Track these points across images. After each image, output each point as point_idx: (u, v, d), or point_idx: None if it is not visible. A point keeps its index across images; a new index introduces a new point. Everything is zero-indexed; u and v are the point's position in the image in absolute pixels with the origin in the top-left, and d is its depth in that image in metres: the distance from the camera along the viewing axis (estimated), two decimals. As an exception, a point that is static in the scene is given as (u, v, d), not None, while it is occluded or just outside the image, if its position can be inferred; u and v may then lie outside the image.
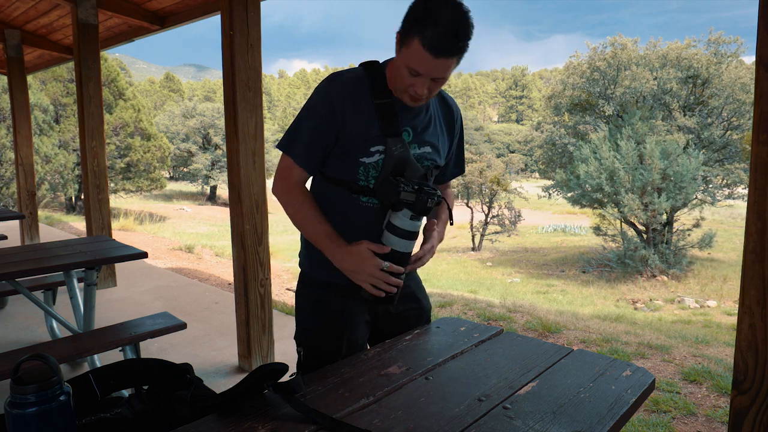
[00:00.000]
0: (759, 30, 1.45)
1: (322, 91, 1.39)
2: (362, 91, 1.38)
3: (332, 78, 1.40)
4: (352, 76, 1.39)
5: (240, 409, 1.10)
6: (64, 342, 2.53)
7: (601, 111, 16.81)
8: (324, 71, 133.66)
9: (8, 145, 14.05)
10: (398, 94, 1.38)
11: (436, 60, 1.24)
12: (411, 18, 1.26)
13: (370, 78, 1.39)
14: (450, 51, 1.24)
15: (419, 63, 1.25)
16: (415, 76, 1.29)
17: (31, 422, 0.90)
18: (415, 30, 1.23)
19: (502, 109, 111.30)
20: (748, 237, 1.50)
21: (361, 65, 1.44)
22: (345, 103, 1.35)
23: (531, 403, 1.15)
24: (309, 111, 1.40)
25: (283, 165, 1.43)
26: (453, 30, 1.22)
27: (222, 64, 3.09)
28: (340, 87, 1.37)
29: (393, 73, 1.38)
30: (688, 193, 13.07)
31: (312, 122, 1.39)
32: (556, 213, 28.39)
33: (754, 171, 1.47)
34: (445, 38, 1.21)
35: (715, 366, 3.60)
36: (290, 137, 1.41)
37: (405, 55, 1.28)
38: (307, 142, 1.39)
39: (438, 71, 1.27)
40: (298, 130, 1.40)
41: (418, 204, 1.31)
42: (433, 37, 1.21)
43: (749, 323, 1.51)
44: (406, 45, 1.27)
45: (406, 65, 1.28)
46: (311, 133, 1.39)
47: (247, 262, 3.13)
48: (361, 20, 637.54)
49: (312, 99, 1.40)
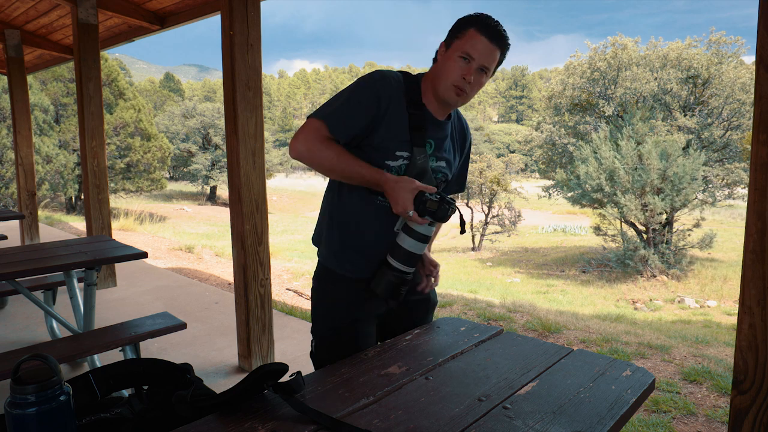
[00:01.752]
0: (759, 30, 1.45)
1: (371, 82, 1.44)
2: (401, 97, 1.45)
3: (381, 75, 1.45)
4: (397, 79, 1.47)
5: (240, 409, 1.10)
6: (64, 342, 2.52)
7: (601, 111, 16.82)
8: (324, 71, 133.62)
9: (8, 145, 14.06)
10: (443, 92, 1.45)
11: (490, 44, 1.41)
12: (462, 21, 1.45)
13: (407, 87, 1.47)
14: (502, 38, 1.42)
15: (474, 46, 1.40)
16: (467, 63, 1.41)
17: (31, 422, 0.90)
18: (471, 23, 1.42)
19: (502, 109, 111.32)
20: (748, 237, 1.50)
21: (401, 73, 1.52)
22: (390, 102, 1.43)
23: (531, 403, 1.15)
24: (354, 92, 1.43)
25: (314, 126, 1.41)
26: (501, 26, 1.44)
27: (222, 64, 3.09)
28: (388, 85, 1.44)
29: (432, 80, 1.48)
30: (687, 193, 13.07)
31: (354, 100, 1.42)
32: (556, 213, 28.40)
33: (754, 171, 1.47)
34: (498, 27, 1.42)
35: (715, 366, 3.60)
36: (326, 107, 1.43)
37: (458, 45, 1.42)
38: (344, 113, 1.42)
39: (488, 58, 1.42)
40: (336, 103, 1.43)
41: (440, 212, 1.38)
42: (489, 25, 1.41)
43: (749, 323, 1.51)
44: (460, 36, 1.42)
45: (461, 52, 1.41)
46: (350, 108, 1.42)
47: (247, 262, 3.13)
48: (363, 20, 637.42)
49: (359, 84, 1.44)
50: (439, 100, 1.49)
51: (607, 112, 16.55)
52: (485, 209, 19.19)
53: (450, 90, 1.44)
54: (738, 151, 15.73)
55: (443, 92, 1.46)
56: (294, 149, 1.42)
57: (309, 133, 1.41)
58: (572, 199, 15.12)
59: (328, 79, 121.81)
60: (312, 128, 1.41)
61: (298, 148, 1.41)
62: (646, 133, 14.09)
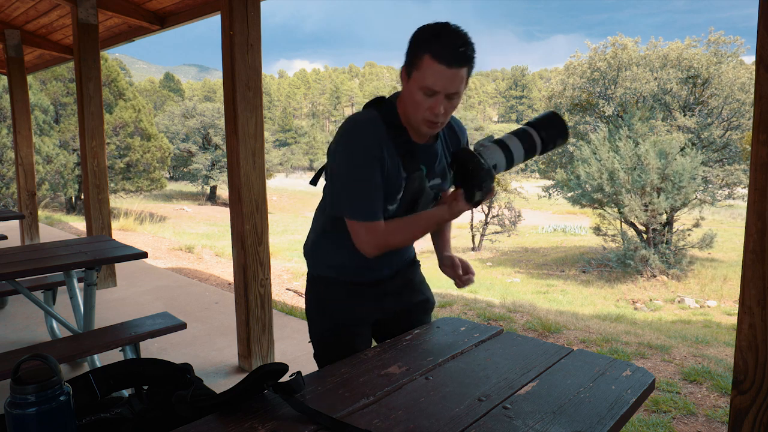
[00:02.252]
0: (759, 30, 1.45)
1: (357, 147, 1.36)
2: (383, 133, 1.38)
3: (360, 130, 1.38)
4: (372, 120, 1.39)
5: (240, 409, 1.10)
6: (64, 342, 2.52)
7: (601, 111, 16.81)
8: (324, 71, 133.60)
9: (8, 145, 14.06)
10: (416, 125, 1.38)
11: (449, 70, 1.26)
12: (416, 43, 1.30)
13: (384, 118, 1.40)
14: (461, 58, 1.26)
15: (434, 78, 1.27)
16: (431, 96, 1.30)
17: (31, 422, 0.90)
18: (424, 48, 1.27)
19: (502, 109, 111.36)
20: (748, 237, 1.50)
21: (371, 106, 1.45)
22: (382, 149, 1.37)
23: (531, 403, 1.15)
24: (357, 171, 1.36)
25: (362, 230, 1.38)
26: (460, 39, 1.27)
27: (222, 64, 3.09)
28: (372, 134, 1.37)
29: (404, 108, 1.39)
30: (687, 193, 13.07)
31: (364, 179, 1.36)
32: (556, 213, 28.40)
33: (754, 171, 1.47)
34: (455, 47, 1.25)
35: (715, 366, 3.60)
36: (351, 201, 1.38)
37: (417, 77, 1.30)
38: (370, 198, 1.37)
39: (453, 84, 1.29)
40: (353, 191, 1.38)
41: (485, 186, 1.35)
42: (443, 48, 1.25)
43: (749, 323, 1.51)
44: (417, 67, 1.29)
45: (421, 86, 1.29)
46: (368, 186, 1.36)
47: (247, 262, 3.13)
48: (363, 20, 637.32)
49: (351, 157, 1.37)
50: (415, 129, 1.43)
51: (607, 112, 16.55)
52: (485, 209, 19.19)
53: (422, 124, 1.37)
54: (738, 151, 15.73)
55: (417, 125, 1.39)
56: (369, 254, 1.41)
57: (367, 238, 1.38)
58: (572, 199, 15.12)
59: (328, 79, 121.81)
60: (365, 233, 1.38)
61: (372, 253, 1.41)
62: (645, 133, 14.09)
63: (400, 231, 1.41)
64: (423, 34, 1.30)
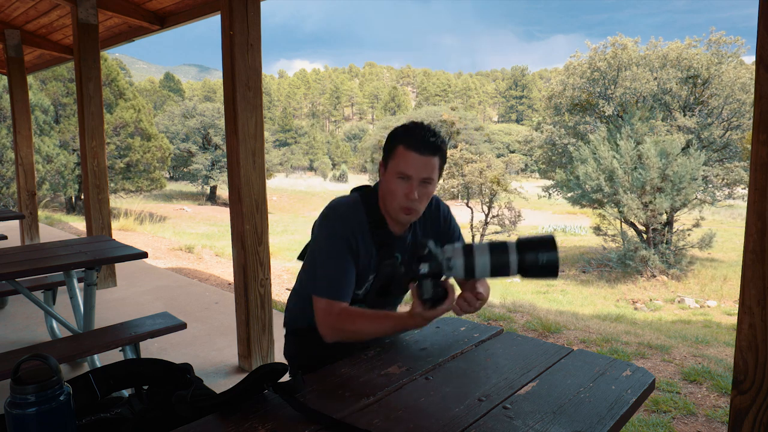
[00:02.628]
0: (759, 30, 1.45)
1: (333, 231, 1.45)
2: (363, 221, 1.48)
3: (338, 216, 1.47)
4: (351, 206, 1.49)
5: (240, 409, 1.10)
6: (64, 342, 2.52)
7: (601, 111, 16.81)
8: (324, 71, 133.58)
9: (8, 145, 14.06)
10: (394, 213, 1.47)
11: (422, 158, 1.39)
12: (391, 139, 1.45)
13: (366, 205, 1.50)
14: (432, 146, 1.40)
15: (407, 164, 1.39)
16: (406, 181, 1.41)
17: (31, 422, 0.90)
18: (398, 140, 1.42)
19: (502, 109, 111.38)
20: (748, 237, 1.50)
21: (356, 192, 1.54)
22: (357, 239, 1.46)
23: (531, 403, 1.15)
24: (328, 253, 1.45)
25: (322, 306, 1.44)
26: (430, 131, 1.41)
27: (222, 64, 3.09)
28: (348, 224, 1.46)
29: (383, 197, 1.48)
30: (687, 193, 13.07)
31: (334, 258, 1.44)
32: (556, 213, 28.41)
33: (754, 171, 1.47)
34: (425, 137, 1.40)
35: (715, 366, 3.60)
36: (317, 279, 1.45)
37: (392, 166, 1.42)
38: (337, 278, 1.44)
39: (425, 170, 1.40)
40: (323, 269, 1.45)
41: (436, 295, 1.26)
42: (415, 138, 1.40)
43: (749, 323, 1.51)
44: (393, 156, 1.43)
45: (396, 172, 1.41)
46: (336, 268, 1.44)
47: (247, 262, 3.13)
48: (363, 20, 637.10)
49: (326, 239, 1.46)
50: (394, 218, 1.50)
51: (607, 112, 16.54)
52: (485, 209, 19.20)
53: (399, 212, 1.45)
54: (738, 151, 15.72)
55: (394, 214, 1.47)
56: (326, 336, 1.44)
57: (325, 317, 1.43)
58: (572, 199, 15.12)
59: (328, 79, 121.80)
60: (323, 311, 1.43)
61: (329, 335, 1.43)
62: (645, 133, 14.09)
63: (359, 319, 1.41)
64: (397, 130, 1.45)
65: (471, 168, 19.29)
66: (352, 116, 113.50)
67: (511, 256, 1.18)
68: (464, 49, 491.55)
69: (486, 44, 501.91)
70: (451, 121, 42.64)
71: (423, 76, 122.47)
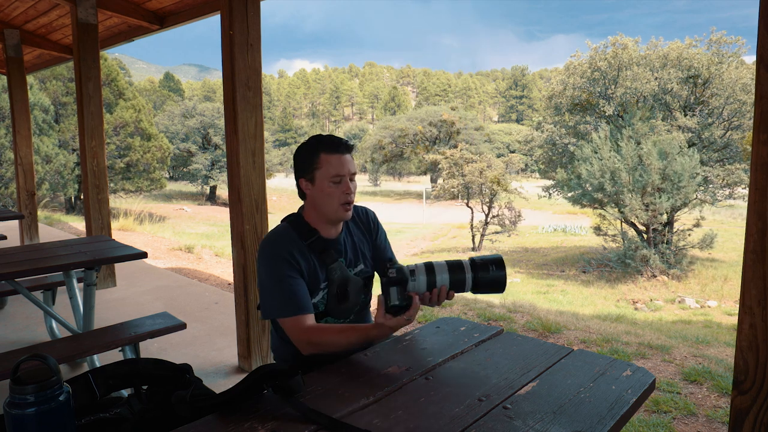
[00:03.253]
0: (759, 30, 1.44)
1: (270, 255, 1.55)
2: (294, 237, 1.59)
3: (270, 242, 1.58)
4: (280, 232, 1.61)
5: (240, 409, 1.10)
6: (63, 342, 2.52)
7: (601, 111, 16.80)
8: (324, 71, 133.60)
9: (8, 145, 14.05)
10: (334, 215, 1.59)
11: (344, 156, 1.57)
12: (305, 153, 1.59)
13: (294, 226, 1.61)
14: (347, 145, 1.58)
15: (337, 165, 1.55)
16: (339, 182, 1.56)
17: (31, 422, 0.89)
18: (315, 151, 1.57)
19: (502, 109, 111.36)
20: (748, 237, 1.50)
21: (283, 221, 1.67)
22: (293, 255, 1.55)
23: (531, 403, 1.15)
24: (273, 275, 1.53)
25: (289, 325, 1.51)
26: (336, 136, 1.60)
27: (222, 64, 3.09)
28: (282, 245, 1.56)
29: (315, 209, 1.61)
30: (687, 192, 13.06)
31: (279, 280, 1.52)
32: (557, 213, 28.40)
33: (755, 171, 1.47)
34: (338, 139, 1.58)
35: (716, 366, 3.60)
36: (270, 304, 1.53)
37: (321, 174, 1.56)
38: (292, 294, 1.52)
39: (351, 166, 1.58)
40: (272, 295, 1.53)
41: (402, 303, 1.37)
42: (331, 143, 1.57)
43: (750, 323, 1.51)
44: (317, 166, 1.56)
45: (329, 178, 1.55)
46: (284, 288, 1.52)
47: (247, 262, 3.12)
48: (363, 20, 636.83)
49: (267, 265, 1.55)
50: (332, 222, 1.63)
51: (608, 111, 16.54)
52: (485, 209, 19.18)
53: (340, 210, 1.58)
54: (738, 151, 15.71)
55: (335, 215, 1.59)
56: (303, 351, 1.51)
57: (294, 333, 1.51)
58: (572, 199, 15.10)
59: (328, 79, 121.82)
60: (291, 328, 1.51)
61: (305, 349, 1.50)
62: (646, 132, 14.08)
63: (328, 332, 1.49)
64: (306, 145, 1.60)
65: (471, 168, 19.28)
66: (352, 116, 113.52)
67: (467, 274, 1.36)
68: (464, 49, 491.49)
69: (486, 44, 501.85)
70: (451, 121, 42.63)
71: (423, 76, 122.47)
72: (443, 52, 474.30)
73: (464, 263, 1.37)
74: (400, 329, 1.40)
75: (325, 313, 1.63)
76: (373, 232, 1.78)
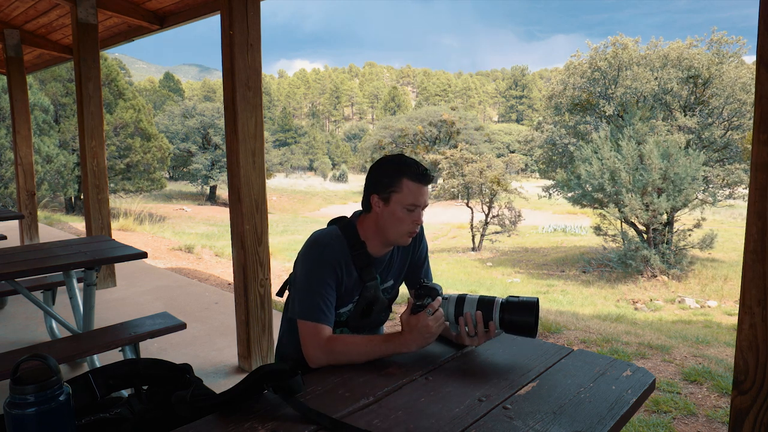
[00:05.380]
0: (759, 30, 1.44)
1: (318, 258, 1.54)
2: (344, 247, 1.58)
3: (322, 245, 1.55)
4: (335, 237, 1.58)
5: (240, 409, 1.10)
6: (63, 342, 2.52)
7: (601, 111, 16.80)
8: (324, 71, 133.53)
9: (8, 145, 14.05)
10: (396, 239, 1.59)
11: (425, 187, 1.56)
12: (386, 174, 1.56)
13: (346, 235, 1.60)
14: (430, 177, 1.57)
15: (416, 195, 1.54)
16: (413, 211, 1.55)
17: (31, 422, 0.89)
18: (399, 175, 1.54)
19: (502, 109, 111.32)
20: (748, 237, 1.50)
21: (334, 224, 1.66)
22: (341, 266, 1.55)
23: (531, 403, 1.14)
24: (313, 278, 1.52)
25: (309, 330, 1.48)
26: (422, 165, 1.57)
27: (222, 64, 3.09)
28: (333, 253, 1.54)
29: (376, 227, 1.59)
30: (688, 193, 13.05)
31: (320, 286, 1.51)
32: (557, 213, 28.40)
33: (755, 171, 1.47)
34: (424, 169, 1.56)
35: (716, 366, 3.60)
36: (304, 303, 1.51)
37: (398, 199, 1.54)
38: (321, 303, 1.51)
39: (426, 198, 1.58)
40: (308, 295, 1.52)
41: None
42: (417, 172, 1.54)
43: (750, 323, 1.51)
44: (397, 190, 1.54)
45: (404, 205, 1.53)
46: (322, 295, 1.51)
47: (247, 262, 3.12)
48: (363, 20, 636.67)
49: (311, 266, 1.53)
50: (388, 244, 1.62)
51: (608, 111, 16.54)
52: (485, 209, 19.18)
53: (404, 237, 1.58)
54: (738, 151, 15.71)
55: (397, 240, 1.59)
56: (312, 362, 1.45)
57: (311, 339, 1.47)
58: (572, 199, 15.10)
59: (328, 79, 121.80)
60: (310, 334, 1.48)
61: (316, 360, 1.45)
62: (646, 132, 14.08)
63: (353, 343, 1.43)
64: (391, 164, 1.57)
65: (471, 168, 19.28)
66: (352, 116, 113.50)
67: (495, 314, 1.36)
68: (464, 49, 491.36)
69: (486, 44, 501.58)
70: (451, 121, 42.63)
71: (423, 76, 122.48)
72: (443, 52, 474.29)
73: (496, 301, 1.37)
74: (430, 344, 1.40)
75: (344, 324, 1.63)
76: (417, 245, 1.77)
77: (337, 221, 1.67)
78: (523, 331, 1.34)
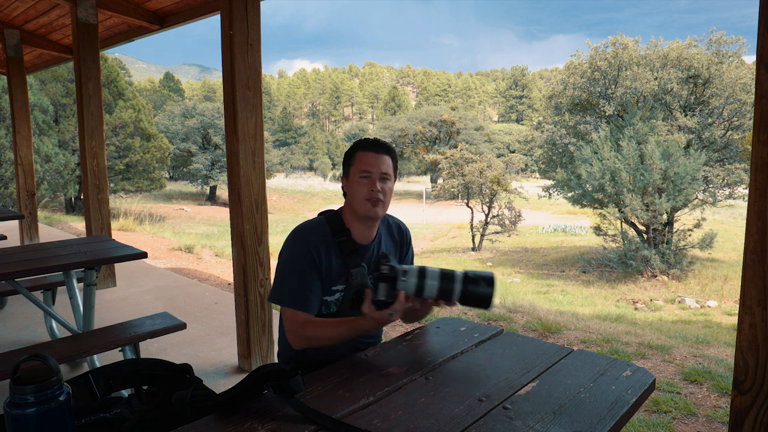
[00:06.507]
0: (759, 30, 1.44)
1: (295, 245, 1.60)
2: (326, 233, 1.62)
3: (299, 231, 1.62)
4: (315, 224, 1.64)
5: (240, 409, 1.10)
6: (63, 342, 2.52)
7: (601, 111, 16.80)
8: (324, 71, 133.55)
9: (8, 145, 14.05)
10: (361, 209, 1.60)
11: (377, 155, 1.61)
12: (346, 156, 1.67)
13: (329, 222, 1.65)
14: (384, 146, 1.64)
15: (367, 162, 1.60)
16: (369, 177, 1.59)
17: (31, 422, 0.89)
18: (354, 149, 1.65)
19: (502, 109, 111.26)
20: (748, 237, 1.50)
21: (320, 214, 1.70)
22: (318, 250, 1.58)
23: (531, 403, 1.15)
24: (289, 265, 1.59)
25: (288, 315, 1.57)
26: (378, 139, 1.66)
27: (222, 64, 3.09)
28: (310, 238, 1.60)
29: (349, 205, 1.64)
30: (688, 193, 13.05)
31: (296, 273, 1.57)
32: (557, 213, 28.40)
33: (755, 171, 1.47)
34: (377, 141, 1.65)
35: (716, 366, 3.60)
36: (281, 290, 1.58)
37: (354, 170, 1.61)
38: (300, 289, 1.56)
39: (383, 166, 1.61)
40: (286, 283, 1.58)
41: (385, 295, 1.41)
42: (368, 142, 1.64)
43: (750, 323, 1.51)
44: (352, 163, 1.62)
45: (359, 173, 1.60)
46: (299, 281, 1.57)
47: (247, 262, 3.12)
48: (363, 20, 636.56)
49: (287, 255, 1.60)
50: (362, 220, 1.64)
51: (608, 111, 16.53)
52: (485, 209, 19.18)
53: (365, 204, 1.59)
54: (739, 151, 15.70)
55: (362, 210, 1.60)
56: (295, 344, 1.56)
57: (288, 324, 1.56)
58: (572, 199, 15.10)
59: (328, 79, 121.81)
60: (288, 319, 1.56)
61: (295, 342, 1.55)
62: (646, 133, 14.07)
63: (320, 325, 1.53)
64: (350, 147, 1.68)
65: (471, 168, 19.28)
66: (352, 116, 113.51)
67: (456, 285, 1.36)
68: (464, 49, 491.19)
69: (486, 44, 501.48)
70: (451, 121, 42.64)
71: (423, 76, 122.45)
72: (443, 52, 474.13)
73: (457, 274, 1.37)
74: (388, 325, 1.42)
75: (336, 315, 1.65)
76: (404, 249, 1.82)
77: (325, 212, 1.72)
78: (482, 302, 1.37)
